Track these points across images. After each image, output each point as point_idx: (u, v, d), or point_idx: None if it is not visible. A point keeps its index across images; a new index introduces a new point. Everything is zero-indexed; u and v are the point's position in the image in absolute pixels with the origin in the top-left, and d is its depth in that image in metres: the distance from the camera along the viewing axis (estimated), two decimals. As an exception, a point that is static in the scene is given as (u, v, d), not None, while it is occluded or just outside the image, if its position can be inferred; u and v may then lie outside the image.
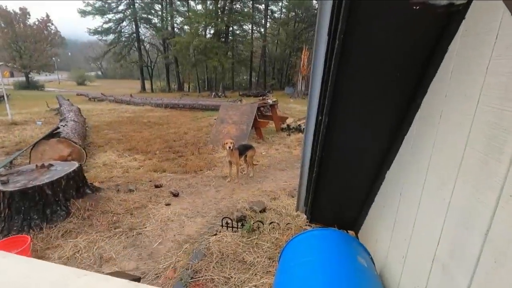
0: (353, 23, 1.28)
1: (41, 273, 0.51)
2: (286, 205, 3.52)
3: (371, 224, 2.19)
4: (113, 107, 16.14)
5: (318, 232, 1.88)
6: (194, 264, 2.41)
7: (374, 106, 1.58)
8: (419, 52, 1.31)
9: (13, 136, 7.94)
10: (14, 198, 2.86)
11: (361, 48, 1.37)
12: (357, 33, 1.31)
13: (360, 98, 1.58)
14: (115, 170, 5.25)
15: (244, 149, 5.01)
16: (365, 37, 1.34)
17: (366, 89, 1.52)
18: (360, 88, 1.53)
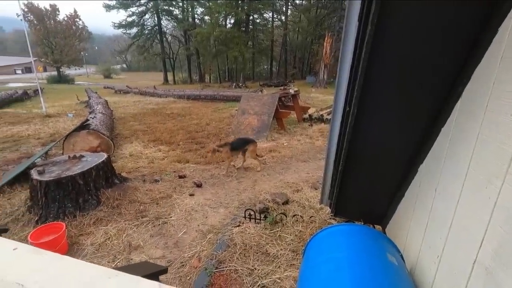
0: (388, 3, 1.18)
1: (74, 272, 0.50)
2: (309, 198, 3.46)
3: (400, 220, 2.10)
4: (138, 99, 16.62)
5: (344, 227, 1.82)
6: (218, 255, 2.44)
7: (409, 96, 1.48)
8: (464, 33, 1.19)
9: (48, 128, 8.42)
10: (50, 187, 3.03)
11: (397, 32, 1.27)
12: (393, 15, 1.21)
13: (394, 87, 1.48)
14: (141, 161, 5.42)
15: (242, 144, 4.88)
16: (401, 18, 1.23)
17: (401, 77, 1.41)
18: (393, 76, 1.42)
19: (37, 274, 0.50)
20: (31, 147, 6.46)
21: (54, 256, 0.55)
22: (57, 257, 0.54)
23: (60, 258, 0.54)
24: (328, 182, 2.48)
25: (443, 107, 1.44)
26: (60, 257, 0.55)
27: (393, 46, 1.33)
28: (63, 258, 0.54)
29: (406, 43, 1.30)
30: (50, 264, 0.52)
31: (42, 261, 0.53)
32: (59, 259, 0.54)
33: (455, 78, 1.34)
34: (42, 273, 0.50)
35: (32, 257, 0.54)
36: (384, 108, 1.59)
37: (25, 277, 0.48)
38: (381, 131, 1.73)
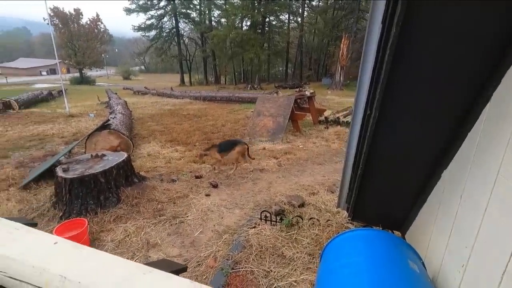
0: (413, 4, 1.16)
1: (110, 266, 0.52)
2: (325, 201, 3.43)
3: (421, 226, 2.04)
4: (155, 100, 16.99)
5: (364, 231, 1.79)
6: (234, 255, 2.46)
7: (434, 99, 1.44)
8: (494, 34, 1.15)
9: (71, 127, 8.76)
10: (73, 184, 3.16)
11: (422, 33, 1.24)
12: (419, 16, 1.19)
13: (418, 90, 1.44)
14: (158, 161, 5.54)
15: (230, 145, 4.87)
16: (427, 19, 1.21)
17: (425, 79, 1.38)
18: (418, 79, 1.39)
19: (77, 267, 0.52)
20: (55, 145, 6.74)
21: (91, 251, 0.57)
22: (94, 252, 0.57)
23: (97, 253, 0.56)
24: (346, 186, 2.45)
25: (470, 111, 1.40)
26: (97, 252, 0.57)
27: (418, 48, 1.30)
28: (100, 253, 0.57)
29: (432, 44, 1.27)
30: (88, 258, 0.55)
31: (80, 255, 0.56)
32: (96, 253, 0.56)
33: (484, 81, 1.29)
34: (81, 267, 0.52)
35: (71, 251, 0.56)
36: (407, 111, 1.56)
37: (66, 270, 0.51)
38: (403, 135, 1.69)
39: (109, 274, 0.48)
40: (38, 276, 0.48)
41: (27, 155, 5.94)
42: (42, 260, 0.50)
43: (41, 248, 0.55)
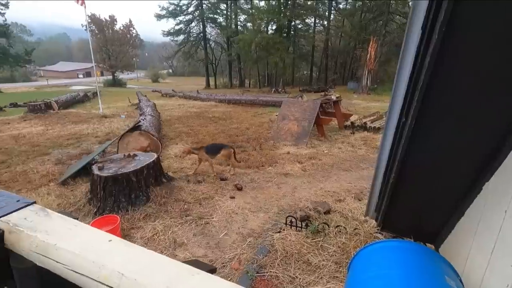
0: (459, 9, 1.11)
1: (161, 266, 0.55)
2: (352, 209, 3.35)
3: (458, 241, 1.93)
4: (182, 102, 17.49)
5: (396, 243, 1.73)
6: (259, 259, 2.47)
7: (478, 107, 1.37)
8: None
9: (104, 127, 9.25)
10: (108, 182, 3.33)
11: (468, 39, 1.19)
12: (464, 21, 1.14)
13: (460, 97, 1.38)
14: (185, 162, 5.69)
15: (217, 149, 4.95)
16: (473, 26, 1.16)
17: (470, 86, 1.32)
18: (461, 86, 1.33)
19: (132, 264, 0.55)
20: (90, 144, 7.15)
21: (142, 249, 0.60)
22: (144, 250, 0.60)
23: (147, 252, 0.60)
24: (376, 194, 2.37)
25: (518, 121, 1.31)
26: (146, 250, 0.60)
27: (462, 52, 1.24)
28: (149, 252, 0.60)
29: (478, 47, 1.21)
30: (140, 256, 0.58)
31: (133, 253, 0.59)
32: (146, 252, 0.59)
33: (535, 89, 1.21)
34: (136, 264, 0.55)
35: (124, 249, 0.60)
36: (447, 120, 1.49)
37: (122, 267, 0.54)
38: (441, 144, 1.62)
39: (160, 273, 0.51)
40: (98, 271, 0.51)
41: (65, 153, 6.35)
42: (100, 256, 0.54)
43: (98, 244, 0.58)
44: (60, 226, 0.66)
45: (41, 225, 0.65)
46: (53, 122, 10.24)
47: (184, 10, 36.32)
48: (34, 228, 0.64)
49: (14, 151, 6.51)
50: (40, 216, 0.68)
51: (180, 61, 50.81)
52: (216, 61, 42.07)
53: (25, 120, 10.64)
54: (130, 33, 41.76)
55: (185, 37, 38.15)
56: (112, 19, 39.63)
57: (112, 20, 39.65)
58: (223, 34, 38.11)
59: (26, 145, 6.99)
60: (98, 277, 0.53)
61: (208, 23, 38.22)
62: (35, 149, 6.62)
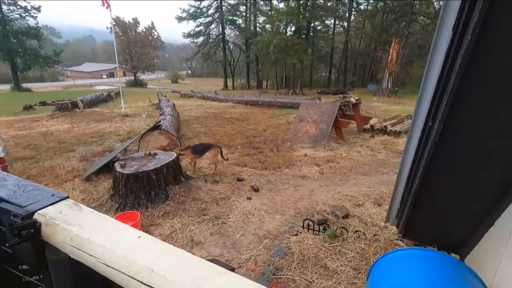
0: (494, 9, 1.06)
1: (189, 264, 0.56)
2: (371, 214, 3.26)
3: (486, 253, 1.84)
4: (200, 103, 17.76)
5: (419, 251, 1.67)
6: (275, 261, 2.46)
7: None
8: None
9: (125, 126, 9.55)
10: (129, 179, 3.43)
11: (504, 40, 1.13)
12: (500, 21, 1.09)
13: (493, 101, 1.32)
14: (203, 161, 5.76)
15: (203, 149, 4.99)
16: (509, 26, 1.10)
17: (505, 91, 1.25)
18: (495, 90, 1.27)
19: (161, 261, 0.56)
20: (112, 142, 7.40)
21: (170, 247, 0.61)
22: (172, 248, 0.61)
23: (175, 249, 0.61)
24: (398, 200, 2.30)
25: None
26: (174, 248, 0.61)
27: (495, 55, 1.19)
28: (177, 249, 0.61)
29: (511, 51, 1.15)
30: (168, 253, 0.59)
31: (161, 250, 0.60)
32: (174, 250, 0.60)
33: None
34: (164, 261, 0.56)
35: (153, 246, 0.61)
36: (477, 124, 1.42)
37: (152, 263, 0.55)
38: (470, 149, 1.55)
39: (189, 271, 0.51)
40: (129, 266, 0.53)
41: (89, 150, 6.61)
42: (130, 251, 0.56)
43: (128, 240, 0.60)
44: (92, 221, 0.68)
45: (75, 219, 0.68)
46: (78, 120, 10.69)
47: (204, 12, 36.95)
48: (68, 221, 0.66)
49: (43, 147, 6.85)
50: (73, 210, 0.71)
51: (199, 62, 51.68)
52: (234, 63, 42.46)
53: (53, 118, 11.17)
54: (152, 35, 42.95)
55: (204, 39, 38.79)
56: (135, 22, 40.94)
57: (135, 22, 40.96)
58: (241, 36, 38.43)
59: (53, 142, 7.33)
60: (129, 271, 0.55)
61: (227, 25, 38.67)
62: (62, 146, 6.93)
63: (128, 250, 0.59)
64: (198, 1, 36.22)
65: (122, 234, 0.65)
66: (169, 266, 0.55)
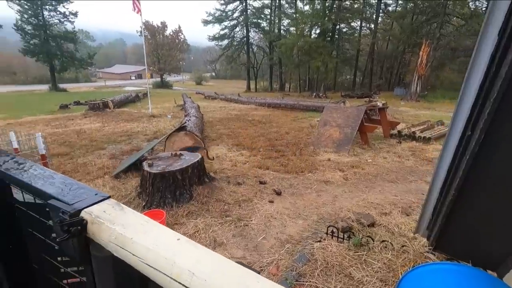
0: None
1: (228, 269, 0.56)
2: (399, 224, 3.14)
3: (530, 271, 1.71)
4: (223, 105, 18.01)
5: (453, 266, 1.58)
6: (298, 267, 2.43)
7: None
8: None
9: (152, 126, 9.89)
10: (156, 178, 3.55)
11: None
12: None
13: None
14: (225, 163, 5.84)
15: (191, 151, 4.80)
16: None
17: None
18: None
19: (200, 265, 0.58)
20: (140, 141, 7.69)
21: (208, 251, 0.63)
22: (211, 253, 0.62)
23: (212, 254, 0.62)
24: (429, 210, 2.20)
25: None
26: (213, 253, 0.62)
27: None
28: (215, 253, 0.62)
29: None
30: (207, 258, 0.60)
31: (200, 254, 0.61)
32: (211, 254, 0.61)
33: None
34: (204, 265, 0.57)
35: (192, 249, 0.63)
36: (524, 135, 1.33)
37: (192, 266, 0.57)
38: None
39: (228, 276, 0.52)
40: (170, 268, 0.55)
41: (118, 149, 6.91)
42: (171, 253, 0.57)
43: (168, 242, 0.62)
44: (133, 221, 0.71)
45: (118, 219, 0.71)
46: (109, 119, 11.21)
47: (230, 16, 37.51)
48: (112, 221, 0.70)
49: (76, 144, 7.25)
50: (116, 210, 0.75)
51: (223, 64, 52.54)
52: (258, 65, 42.72)
53: (86, 117, 11.81)
54: (178, 38, 44.24)
55: (229, 42, 39.37)
56: (163, 25, 42.39)
57: (163, 26, 42.40)
58: (265, 39, 38.60)
59: (86, 140, 7.75)
60: (171, 273, 0.57)
61: (252, 28, 39.01)
62: (93, 144, 7.30)
63: (168, 252, 0.61)
64: (224, 5, 36.87)
65: (162, 235, 0.67)
66: (209, 270, 0.56)
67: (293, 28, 32.54)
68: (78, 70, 41.19)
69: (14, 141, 3.80)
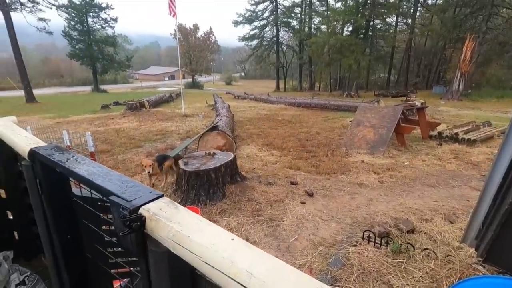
0: None
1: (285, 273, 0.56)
2: (442, 231, 2.94)
3: None
4: (253, 104, 18.13)
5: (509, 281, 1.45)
6: (333, 271, 2.38)
7: None
8: None
9: (185, 126, 10.23)
10: (191, 176, 3.67)
11: None
12: None
13: None
14: (256, 163, 5.87)
15: (162, 160, 4.57)
16: None
17: None
18: None
19: (257, 266, 0.58)
20: (174, 140, 7.99)
21: (262, 252, 0.63)
22: (265, 254, 0.62)
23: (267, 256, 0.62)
24: (479, 219, 2.04)
25: None
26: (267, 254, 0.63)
27: None
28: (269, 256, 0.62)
29: None
30: (263, 259, 0.60)
31: (255, 255, 0.62)
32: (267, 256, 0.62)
33: None
34: (260, 266, 0.58)
35: (247, 250, 0.64)
36: None
37: (250, 267, 0.57)
38: None
39: (286, 279, 0.52)
40: (228, 267, 0.56)
41: (154, 147, 7.24)
42: (227, 253, 0.59)
43: (223, 241, 0.64)
44: (188, 220, 0.74)
45: (174, 217, 0.74)
46: (145, 119, 11.79)
47: (260, 16, 37.66)
48: (169, 218, 0.73)
49: (116, 142, 7.72)
50: (171, 208, 0.78)
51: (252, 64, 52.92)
52: (287, 64, 42.43)
53: (124, 116, 12.51)
54: (209, 39, 45.30)
55: (258, 42, 39.56)
56: (195, 27, 43.69)
57: (195, 28, 43.69)
58: (295, 38, 38.23)
59: (124, 138, 8.21)
60: (229, 272, 0.58)
61: (282, 27, 38.83)
62: (131, 142, 7.72)
63: (225, 251, 0.62)
64: (254, 5, 37.09)
65: (217, 235, 0.69)
66: (267, 272, 0.56)
67: (324, 26, 31.86)
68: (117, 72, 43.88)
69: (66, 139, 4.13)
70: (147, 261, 0.83)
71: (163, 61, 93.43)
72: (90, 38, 33.64)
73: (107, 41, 34.37)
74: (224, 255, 0.61)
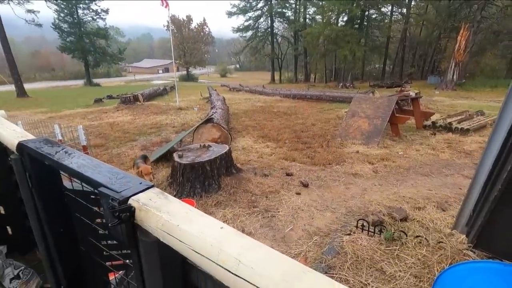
0: None
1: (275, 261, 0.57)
2: (434, 219, 3.00)
3: None
4: (248, 96, 18.03)
5: (498, 266, 1.49)
6: (327, 259, 2.41)
7: None
8: None
9: (179, 119, 10.16)
10: (186, 169, 3.66)
11: None
12: None
13: None
14: (251, 155, 5.87)
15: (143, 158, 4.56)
16: None
17: None
18: None
19: (246, 253, 0.59)
20: (168, 133, 7.94)
21: (253, 241, 0.63)
22: (255, 242, 0.63)
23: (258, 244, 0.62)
24: (470, 206, 2.08)
25: None
26: (257, 242, 0.63)
27: None
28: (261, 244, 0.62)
29: None
30: (252, 247, 0.61)
31: (245, 242, 0.63)
32: (257, 244, 0.62)
33: None
34: (250, 254, 0.58)
35: (236, 238, 0.64)
36: None
37: (238, 254, 0.58)
38: None
39: (275, 266, 0.53)
40: (217, 254, 0.56)
41: (149, 140, 7.20)
42: (216, 241, 0.59)
43: (212, 230, 0.64)
44: (178, 209, 0.74)
45: (164, 207, 0.74)
46: (139, 112, 11.68)
47: (254, 6, 37.11)
48: (159, 208, 0.73)
49: (110, 136, 7.65)
50: (161, 199, 0.78)
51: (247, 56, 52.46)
52: (282, 56, 42.11)
53: (118, 110, 12.38)
54: (203, 31, 44.69)
55: (253, 33, 39.09)
56: (188, 19, 43.01)
57: (189, 19, 43.01)
58: (290, 28, 37.84)
59: (119, 132, 8.14)
60: (217, 260, 0.58)
61: (276, 18, 38.36)
62: (126, 136, 7.65)
63: (214, 239, 0.62)
64: (248, -5, 36.53)
65: (206, 223, 0.69)
66: (256, 259, 0.56)
67: (319, 16, 31.57)
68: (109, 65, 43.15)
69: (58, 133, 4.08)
70: (138, 251, 0.83)
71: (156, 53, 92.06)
72: (81, 31, 32.90)
73: (98, 33, 33.66)
74: (213, 243, 0.61)
